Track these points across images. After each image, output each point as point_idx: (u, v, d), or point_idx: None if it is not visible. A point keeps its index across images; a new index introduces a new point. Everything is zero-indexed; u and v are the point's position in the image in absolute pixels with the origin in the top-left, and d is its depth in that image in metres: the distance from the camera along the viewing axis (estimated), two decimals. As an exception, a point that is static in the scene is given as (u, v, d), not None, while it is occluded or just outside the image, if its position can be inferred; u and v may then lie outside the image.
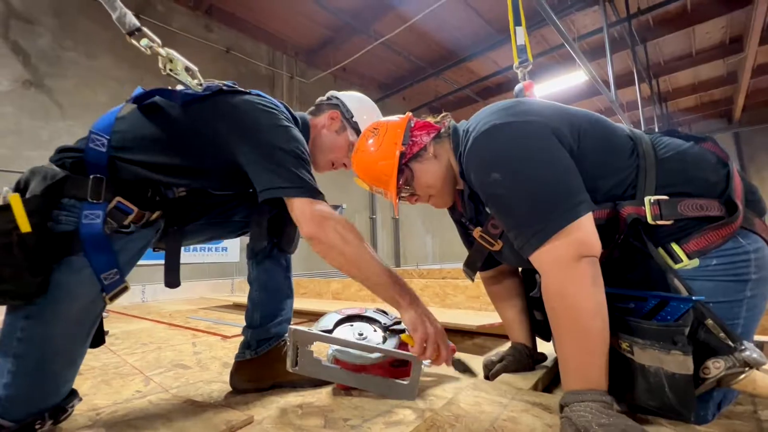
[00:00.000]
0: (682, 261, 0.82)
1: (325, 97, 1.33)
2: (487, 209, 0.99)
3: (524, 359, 1.14)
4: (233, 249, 5.32)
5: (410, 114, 1.11)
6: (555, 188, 0.80)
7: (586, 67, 4.16)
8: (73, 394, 0.87)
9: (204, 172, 1.00)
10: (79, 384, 1.22)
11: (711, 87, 8.46)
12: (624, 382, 0.79)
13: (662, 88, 8.48)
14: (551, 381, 1.16)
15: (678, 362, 0.71)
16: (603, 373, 0.75)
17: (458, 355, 1.45)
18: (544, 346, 1.25)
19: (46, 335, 0.79)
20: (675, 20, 6.14)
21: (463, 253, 1.21)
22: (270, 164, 0.93)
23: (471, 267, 1.19)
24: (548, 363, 1.20)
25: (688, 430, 0.76)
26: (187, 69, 0.96)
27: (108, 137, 0.89)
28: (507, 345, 1.22)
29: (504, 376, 1.10)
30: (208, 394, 1.12)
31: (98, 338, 0.95)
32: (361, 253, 0.94)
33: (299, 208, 0.93)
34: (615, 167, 0.87)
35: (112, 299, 0.87)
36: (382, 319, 1.18)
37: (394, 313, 1.23)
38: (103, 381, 1.27)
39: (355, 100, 1.31)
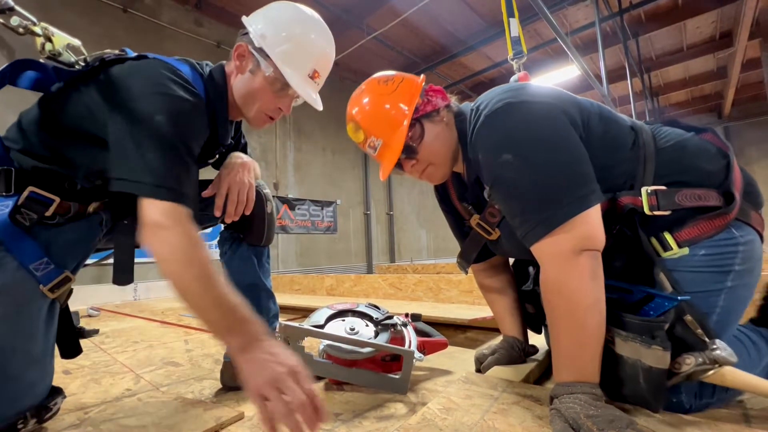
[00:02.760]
0: (671, 249, 0.81)
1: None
2: (487, 195, 0.96)
3: (516, 352, 1.15)
4: (226, 246, 5.28)
5: (423, 77, 1.02)
6: (568, 175, 0.77)
7: (579, 62, 4.17)
8: (57, 392, 0.85)
9: (87, 157, 0.85)
10: (68, 383, 1.21)
11: (701, 81, 8.54)
12: (603, 370, 0.79)
13: (654, 83, 8.54)
14: (542, 373, 1.17)
15: (656, 357, 0.72)
16: (595, 367, 0.75)
17: (451, 348, 1.45)
18: (534, 339, 1.25)
19: None
20: (666, 15, 6.18)
21: (456, 247, 1.20)
22: (129, 147, 0.76)
23: (465, 258, 1.16)
24: (539, 356, 1.21)
25: (674, 418, 0.77)
26: (70, 46, 0.85)
27: None
28: (499, 338, 1.22)
29: (495, 369, 1.10)
30: (199, 392, 1.11)
31: (72, 347, 0.91)
32: (186, 273, 0.73)
33: (146, 208, 0.75)
34: (617, 158, 0.85)
35: (53, 291, 0.81)
36: (374, 314, 1.18)
37: (385, 307, 1.24)
38: (92, 379, 1.25)
39: (264, 16, 0.97)
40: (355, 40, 5.91)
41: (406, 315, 1.25)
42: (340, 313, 1.18)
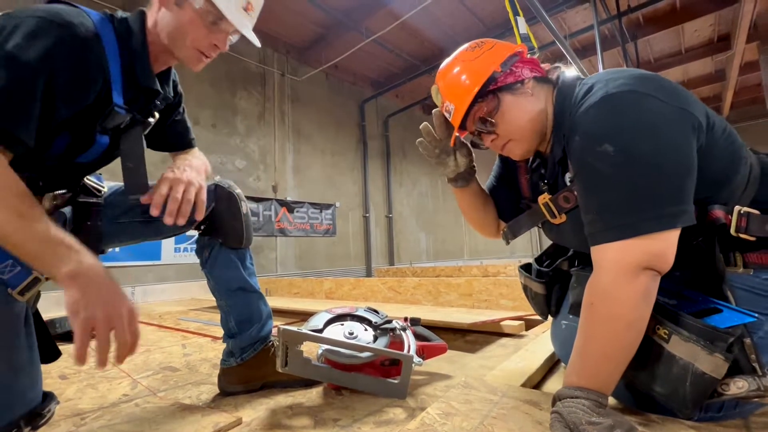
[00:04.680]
0: (736, 266, 0.79)
1: None
2: (568, 180, 0.89)
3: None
4: (225, 249, 5.26)
5: (526, 47, 0.97)
6: (666, 187, 0.71)
7: (578, 65, 4.18)
8: (50, 398, 0.83)
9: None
10: (64, 388, 1.20)
11: (700, 84, 8.57)
12: (637, 361, 0.77)
13: (652, 86, 8.56)
14: (542, 378, 1.16)
15: (715, 365, 0.69)
16: (612, 381, 0.73)
17: (450, 353, 1.45)
18: (534, 339, 1.25)
19: None
20: (664, 18, 6.20)
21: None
22: None
23: (514, 231, 1.09)
24: (540, 359, 1.20)
25: (676, 424, 0.76)
26: None
27: None
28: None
29: (495, 374, 1.10)
30: (196, 397, 1.10)
31: (49, 351, 0.87)
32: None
33: None
34: (739, 172, 0.79)
35: (23, 294, 0.76)
36: (373, 318, 1.17)
37: (384, 311, 1.23)
38: (89, 385, 1.24)
39: None
40: (354, 42, 5.93)
41: (405, 319, 1.24)
42: (339, 317, 1.17)
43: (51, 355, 0.88)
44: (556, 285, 1.14)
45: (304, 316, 2.44)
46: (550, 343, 1.22)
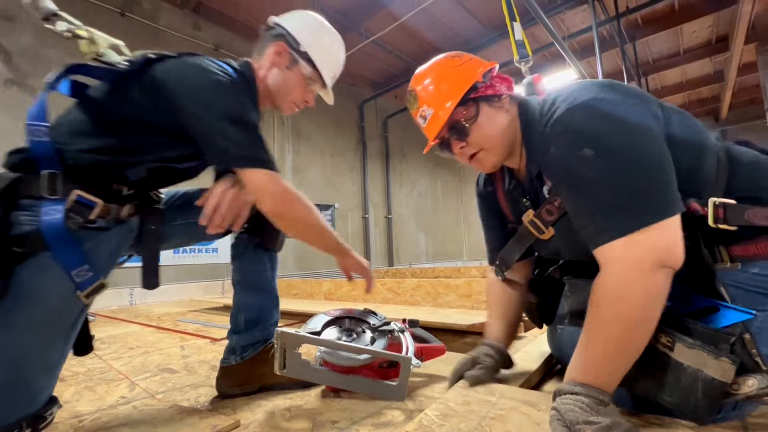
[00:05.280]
0: (722, 261, 0.78)
1: (265, 27, 1.16)
2: (546, 192, 0.91)
3: (497, 363, 1.07)
4: (224, 250, 5.26)
5: (497, 64, 0.99)
6: (653, 178, 0.71)
7: (576, 66, 4.19)
8: (53, 401, 0.84)
9: (149, 149, 0.94)
10: (62, 390, 1.20)
11: (698, 85, 8.58)
12: (641, 370, 0.76)
13: (651, 86, 8.58)
14: (540, 379, 1.16)
15: (723, 369, 0.69)
16: (615, 379, 0.72)
17: (449, 354, 1.44)
18: (534, 340, 1.25)
19: (13, 341, 0.75)
20: (663, 19, 6.21)
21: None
22: (218, 130, 0.88)
23: (507, 260, 1.09)
24: (525, 366, 1.19)
25: (674, 423, 0.76)
26: (113, 46, 0.91)
27: (46, 124, 0.84)
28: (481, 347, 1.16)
29: (493, 375, 1.09)
30: (194, 399, 1.10)
31: (84, 345, 0.91)
32: (320, 218, 1.03)
33: (257, 181, 0.91)
34: (705, 162, 0.80)
35: (89, 297, 0.83)
36: (371, 320, 1.17)
37: (383, 313, 1.23)
38: (87, 387, 1.24)
39: (300, 23, 1.12)
40: (353, 43, 5.93)
41: (404, 321, 1.24)
42: (337, 320, 1.17)
43: (86, 347, 0.93)
44: (548, 293, 1.14)
45: (303, 317, 2.43)
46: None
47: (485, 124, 0.92)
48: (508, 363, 1.11)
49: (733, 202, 0.77)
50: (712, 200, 0.77)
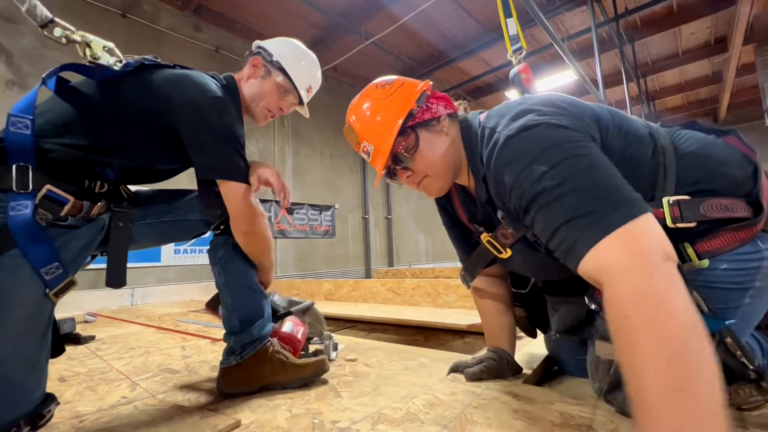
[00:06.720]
0: (690, 261, 0.75)
1: (248, 51, 1.28)
2: (500, 216, 0.89)
3: (505, 364, 1.08)
4: (224, 250, 5.26)
5: (431, 83, 0.98)
6: (614, 180, 0.66)
7: (575, 67, 4.20)
8: (50, 399, 0.84)
9: (135, 148, 0.98)
10: (63, 390, 1.20)
11: (697, 86, 8.61)
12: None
13: (650, 87, 8.60)
14: (539, 380, 1.16)
15: None
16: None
17: (448, 354, 1.45)
18: (532, 343, 1.25)
19: None
20: (661, 20, 6.24)
21: (456, 252, 1.19)
22: (209, 143, 0.98)
23: (470, 272, 1.11)
24: (534, 364, 1.20)
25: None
26: (106, 48, 0.95)
27: (31, 117, 0.83)
28: (484, 350, 1.18)
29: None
30: (195, 399, 1.10)
31: (56, 347, 0.90)
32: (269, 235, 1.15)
33: (234, 193, 1.02)
34: (639, 175, 0.76)
35: (57, 295, 0.82)
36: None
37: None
38: (88, 387, 1.25)
39: (275, 42, 1.27)
40: (353, 45, 5.94)
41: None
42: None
43: (56, 350, 0.91)
44: (536, 304, 1.14)
45: (303, 318, 2.44)
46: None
47: (426, 152, 0.91)
48: (514, 368, 1.11)
49: (686, 197, 0.74)
50: (665, 199, 0.75)
